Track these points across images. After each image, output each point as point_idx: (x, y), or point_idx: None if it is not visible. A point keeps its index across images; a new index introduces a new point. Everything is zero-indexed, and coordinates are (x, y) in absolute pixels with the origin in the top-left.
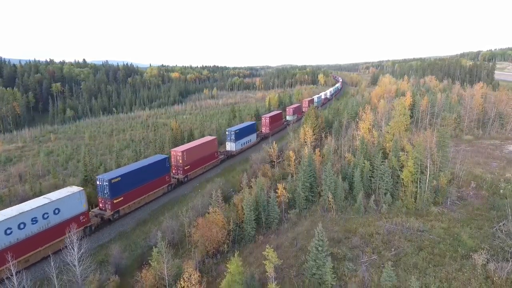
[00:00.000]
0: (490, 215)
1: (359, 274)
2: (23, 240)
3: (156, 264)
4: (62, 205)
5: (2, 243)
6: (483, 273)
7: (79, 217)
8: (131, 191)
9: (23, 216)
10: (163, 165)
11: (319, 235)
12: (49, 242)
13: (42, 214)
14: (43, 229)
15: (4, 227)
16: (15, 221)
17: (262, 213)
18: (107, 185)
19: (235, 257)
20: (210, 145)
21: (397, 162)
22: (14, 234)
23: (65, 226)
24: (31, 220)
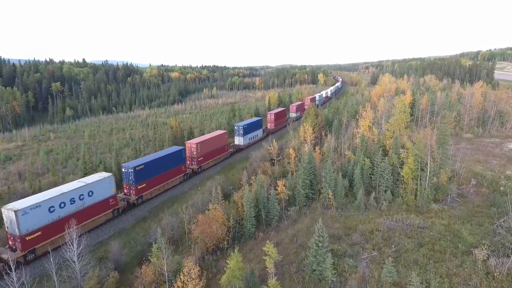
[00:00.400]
0: (490, 212)
1: (359, 270)
2: (63, 217)
3: (156, 260)
4: (95, 188)
5: (46, 220)
6: (484, 269)
7: (109, 199)
8: (152, 178)
9: (63, 196)
10: (179, 156)
11: (319, 231)
12: (84, 221)
13: (78, 196)
14: (79, 209)
15: (48, 205)
16: (57, 200)
17: (262, 210)
18: (132, 172)
19: (235, 253)
20: (221, 138)
21: (397, 159)
22: (56, 212)
23: (97, 207)
24: (69, 200)
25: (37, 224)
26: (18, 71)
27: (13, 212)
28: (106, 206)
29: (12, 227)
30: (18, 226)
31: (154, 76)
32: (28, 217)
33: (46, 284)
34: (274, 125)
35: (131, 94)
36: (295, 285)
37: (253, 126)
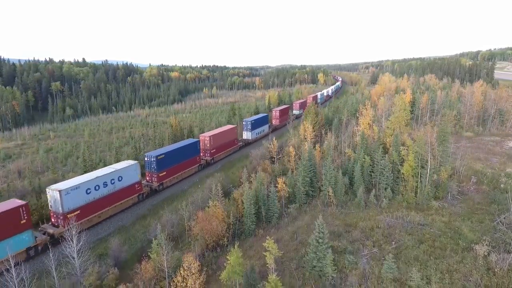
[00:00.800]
0: (491, 209)
1: (360, 267)
2: (98, 199)
3: (156, 256)
4: (124, 174)
5: (84, 200)
6: (485, 265)
7: (135, 185)
8: (171, 167)
9: (98, 180)
10: (195, 148)
11: (319, 227)
12: (114, 203)
13: (110, 180)
14: (111, 192)
15: (86, 187)
16: (93, 183)
17: (262, 208)
18: (154, 160)
19: (235, 248)
20: (231, 132)
21: (397, 156)
22: (92, 194)
23: (125, 191)
24: (103, 184)
25: (77, 204)
26: (18, 70)
27: (57, 192)
28: (133, 190)
29: (55, 205)
30: (61, 204)
31: (154, 76)
32: (70, 197)
33: (46, 281)
34: (279, 121)
35: (131, 94)
36: (295, 282)
37: (260, 121)
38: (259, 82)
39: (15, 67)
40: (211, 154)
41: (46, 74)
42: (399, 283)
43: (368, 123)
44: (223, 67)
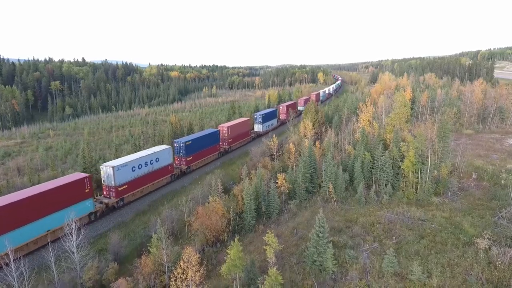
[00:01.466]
0: (491, 205)
1: (360, 261)
2: (141, 176)
3: (156, 251)
4: (160, 156)
5: (130, 176)
6: (486, 259)
7: (169, 166)
8: (197, 153)
9: (141, 160)
10: (215, 136)
11: (320, 221)
12: (152, 181)
13: (150, 160)
14: (150, 171)
15: (132, 165)
16: (137, 162)
17: (262, 203)
18: (183, 146)
19: (235, 242)
20: (246, 124)
21: (398, 152)
22: (136, 172)
23: (161, 171)
24: (144, 163)
25: (125, 179)
26: (18, 69)
27: (111, 168)
28: (166, 171)
29: (108, 180)
30: (114, 179)
31: (154, 75)
32: (120, 172)
33: (45, 275)
34: (286, 116)
35: (130, 93)
36: (295, 276)
37: (270, 115)
38: (259, 81)
39: (15, 67)
40: (228, 143)
41: (46, 73)
42: (400, 277)
43: (368, 120)
44: (223, 67)
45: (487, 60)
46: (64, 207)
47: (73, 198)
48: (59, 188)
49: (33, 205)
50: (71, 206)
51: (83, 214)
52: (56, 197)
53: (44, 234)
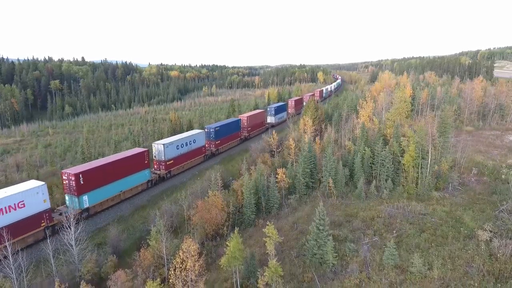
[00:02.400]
0: (492, 199)
1: (361, 254)
2: (182, 154)
3: (155, 243)
4: (196, 138)
5: (175, 153)
6: (487, 251)
7: (202, 148)
8: (223, 138)
9: (183, 140)
10: (237, 125)
11: (320, 214)
12: (190, 159)
13: (189, 141)
14: (189, 150)
15: (176, 144)
16: (180, 142)
17: (262, 198)
18: (213, 131)
19: (235, 234)
20: (261, 115)
21: (398, 147)
22: (179, 150)
23: (197, 151)
24: (185, 143)
25: (172, 155)
26: (17, 68)
27: (162, 145)
28: (201, 151)
29: (159, 155)
30: (164, 154)
31: (153, 75)
32: (168, 149)
33: (43, 267)
34: (294, 110)
35: (130, 92)
36: (296, 269)
37: (281, 108)
38: (259, 81)
39: (14, 66)
40: (247, 131)
41: (45, 72)
42: (401, 269)
43: (368, 116)
44: (223, 67)
45: (486, 59)
46: (131, 173)
47: (137, 167)
48: (128, 158)
49: (110, 170)
50: (136, 173)
51: (143, 181)
52: (126, 165)
53: (118, 193)
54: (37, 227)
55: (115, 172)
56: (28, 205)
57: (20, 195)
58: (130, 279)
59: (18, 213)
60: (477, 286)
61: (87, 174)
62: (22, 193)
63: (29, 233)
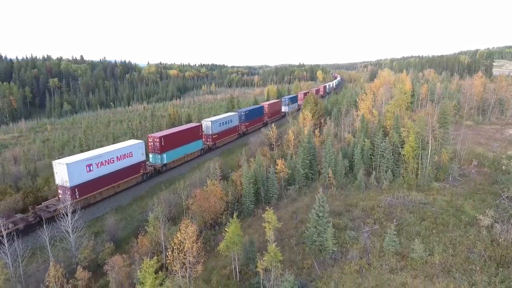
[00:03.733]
0: (493, 189)
1: (361, 242)
2: (223, 131)
3: (153, 230)
4: (233, 119)
5: (219, 129)
6: (489, 237)
7: (236, 127)
8: (251, 121)
9: (222, 119)
10: (261, 111)
11: (319, 201)
12: (228, 135)
13: (228, 121)
14: (228, 128)
15: (218, 122)
16: (221, 121)
17: (261, 189)
18: (244, 114)
19: (234, 219)
20: (278, 104)
21: (398, 138)
22: (221, 127)
23: (232, 130)
24: (225, 122)
25: (216, 131)
26: (15, 66)
27: (210, 122)
28: (235, 130)
29: (207, 130)
30: (211, 129)
31: (153, 74)
32: (215, 125)
33: (40, 253)
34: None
35: (129, 90)
36: (295, 256)
37: (293, 99)
38: (258, 80)
39: (12, 64)
40: (268, 117)
41: (44, 70)
42: (401, 256)
43: (368, 108)
44: (222, 66)
45: (485, 58)
46: (191, 141)
47: (194, 137)
48: (189, 129)
49: (179, 137)
50: (194, 141)
51: (198, 149)
52: (188, 135)
53: (182, 156)
54: (138, 173)
55: (182, 139)
56: (134, 155)
57: (130, 147)
58: (127, 264)
59: (128, 160)
60: (479, 270)
61: (166, 138)
62: (131, 146)
63: (133, 177)
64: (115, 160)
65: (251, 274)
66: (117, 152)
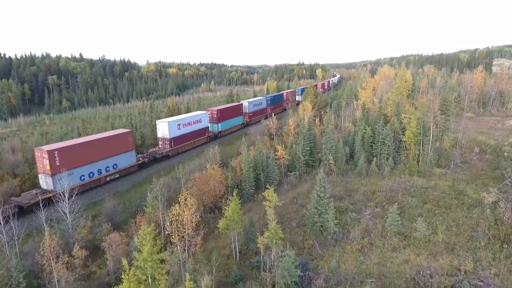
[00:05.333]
0: (495, 174)
1: (362, 223)
2: (256, 110)
3: (151, 210)
4: (262, 102)
5: (253, 109)
6: (492, 217)
7: (264, 110)
8: (274, 105)
9: (256, 101)
10: (282, 97)
11: (320, 181)
12: (259, 115)
13: (259, 103)
14: (259, 109)
15: (254, 103)
16: (256, 102)
17: (261, 174)
18: (269, 99)
19: (234, 196)
20: (294, 93)
21: (399, 124)
22: (255, 107)
23: (262, 111)
24: (258, 103)
25: (252, 110)
26: (14, 64)
27: (248, 102)
28: (264, 111)
29: (245, 109)
30: (248, 109)
31: (152, 72)
32: (251, 105)
33: (36, 232)
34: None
35: (128, 87)
36: (296, 237)
37: (303, 91)
38: (257, 78)
39: (11, 61)
40: (286, 103)
41: (43, 68)
42: (404, 236)
43: (369, 96)
44: (221, 65)
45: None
46: (235, 117)
47: (237, 113)
48: (233, 106)
49: (227, 112)
50: (236, 117)
51: (240, 123)
52: (233, 111)
53: (230, 127)
54: (204, 135)
55: (230, 113)
56: (202, 121)
57: (200, 115)
58: (125, 242)
59: (199, 125)
60: (483, 247)
61: (221, 111)
62: (201, 114)
63: (202, 137)
64: (192, 123)
65: (251, 253)
66: (193, 118)
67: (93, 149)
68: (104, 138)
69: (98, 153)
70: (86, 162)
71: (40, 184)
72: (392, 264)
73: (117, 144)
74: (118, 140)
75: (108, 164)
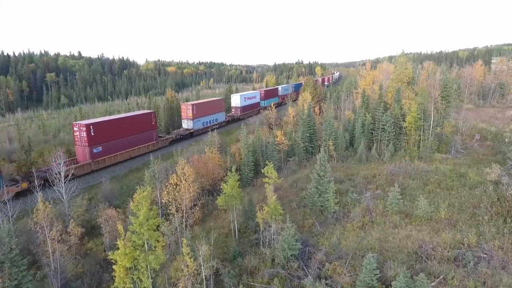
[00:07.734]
0: (496, 158)
1: (363, 203)
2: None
3: (149, 188)
4: (286, 89)
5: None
6: (495, 194)
7: (284, 96)
8: (284, 95)
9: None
10: (299, 87)
11: (321, 160)
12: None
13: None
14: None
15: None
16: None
17: (260, 159)
18: (281, 89)
19: (232, 172)
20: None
21: (399, 110)
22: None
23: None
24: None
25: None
26: (12, 61)
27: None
28: (284, 98)
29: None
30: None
31: (151, 70)
32: (282, 89)
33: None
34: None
35: (127, 85)
36: (296, 217)
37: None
38: (256, 76)
39: (9, 58)
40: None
41: (41, 65)
42: (405, 214)
43: (369, 85)
44: (220, 64)
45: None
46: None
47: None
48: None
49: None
50: (271, 98)
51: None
52: (270, 95)
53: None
54: (255, 109)
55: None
56: (255, 98)
57: (254, 93)
58: (122, 218)
59: (253, 100)
60: (486, 223)
61: (266, 92)
62: (255, 92)
63: (254, 110)
64: (251, 98)
65: (250, 232)
66: (251, 94)
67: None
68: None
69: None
70: (205, 114)
71: (184, 126)
72: (394, 239)
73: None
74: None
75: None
